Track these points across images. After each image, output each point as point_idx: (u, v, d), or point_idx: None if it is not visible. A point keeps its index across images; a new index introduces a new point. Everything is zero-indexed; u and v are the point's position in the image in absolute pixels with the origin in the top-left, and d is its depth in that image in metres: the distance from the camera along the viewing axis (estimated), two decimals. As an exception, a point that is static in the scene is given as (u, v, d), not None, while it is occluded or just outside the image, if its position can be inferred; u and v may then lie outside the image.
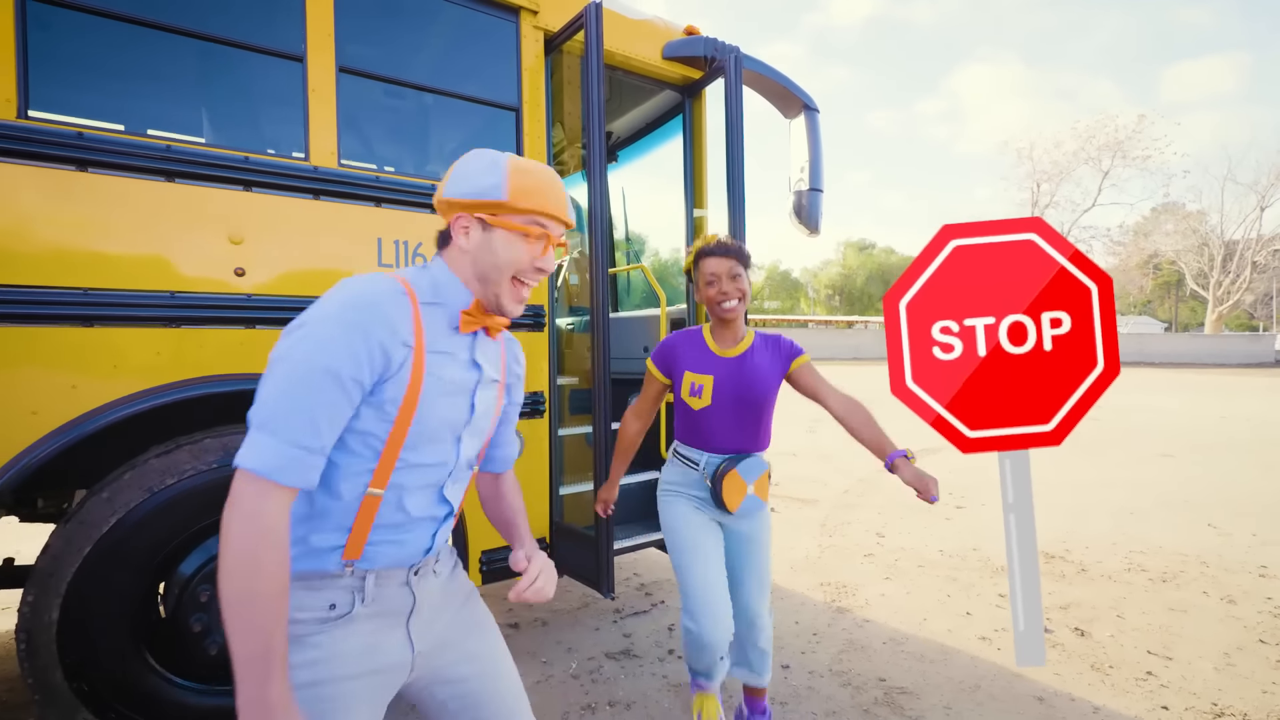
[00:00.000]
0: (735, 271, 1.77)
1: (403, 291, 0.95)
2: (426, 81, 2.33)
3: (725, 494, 1.77)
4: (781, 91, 3.07)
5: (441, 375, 0.98)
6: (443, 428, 1.00)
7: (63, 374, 1.66)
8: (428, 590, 1.05)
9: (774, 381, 1.83)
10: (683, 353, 1.87)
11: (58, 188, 1.64)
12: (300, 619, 0.91)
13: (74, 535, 1.70)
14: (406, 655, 1.01)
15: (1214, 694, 2.42)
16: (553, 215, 1.03)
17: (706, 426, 1.84)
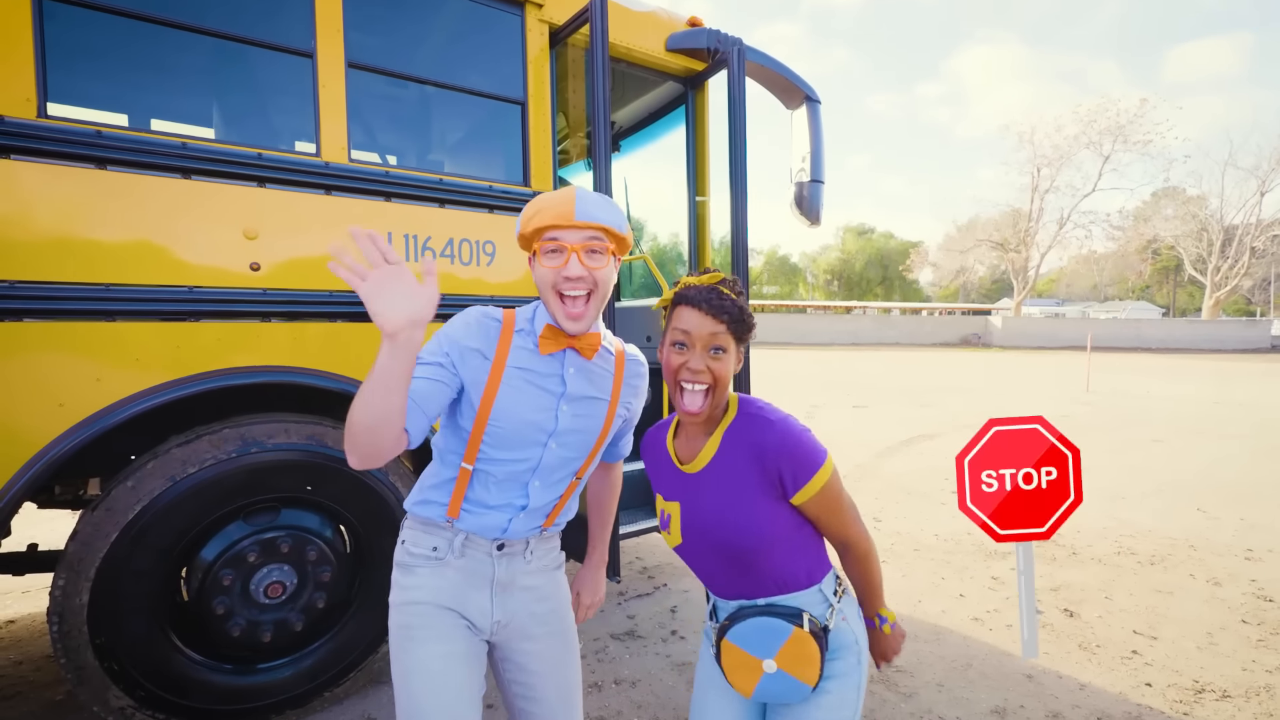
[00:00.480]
0: (720, 341, 1.11)
1: (497, 318, 1.16)
2: (433, 76, 2.35)
3: (727, 673, 1.16)
4: (783, 83, 3.09)
5: (521, 388, 1.14)
6: (525, 431, 1.15)
7: (87, 367, 1.71)
8: (512, 570, 1.21)
9: (758, 513, 1.12)
10: (652, 462, 1.30)
11: (78, 186, 1.68)
12: (414, 552, 1.18)
13: (101, 522, 1.77)
14: (488, 618, 1.19)
15: (1196, 671, 2.52)
16: (552, 225, 1.09)
17: (695, 568, 1.23)
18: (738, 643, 1.13)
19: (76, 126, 1.68)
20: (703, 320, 1.10)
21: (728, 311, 1.10)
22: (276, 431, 2.01)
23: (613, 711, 2.22)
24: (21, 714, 2.20)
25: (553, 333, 1.15)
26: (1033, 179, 44.06)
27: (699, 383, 1.10)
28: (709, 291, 1.12)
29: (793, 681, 1.09)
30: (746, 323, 1.14)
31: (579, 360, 1.19)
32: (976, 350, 32.28)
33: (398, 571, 1.20)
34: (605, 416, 1.23)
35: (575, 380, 1.19)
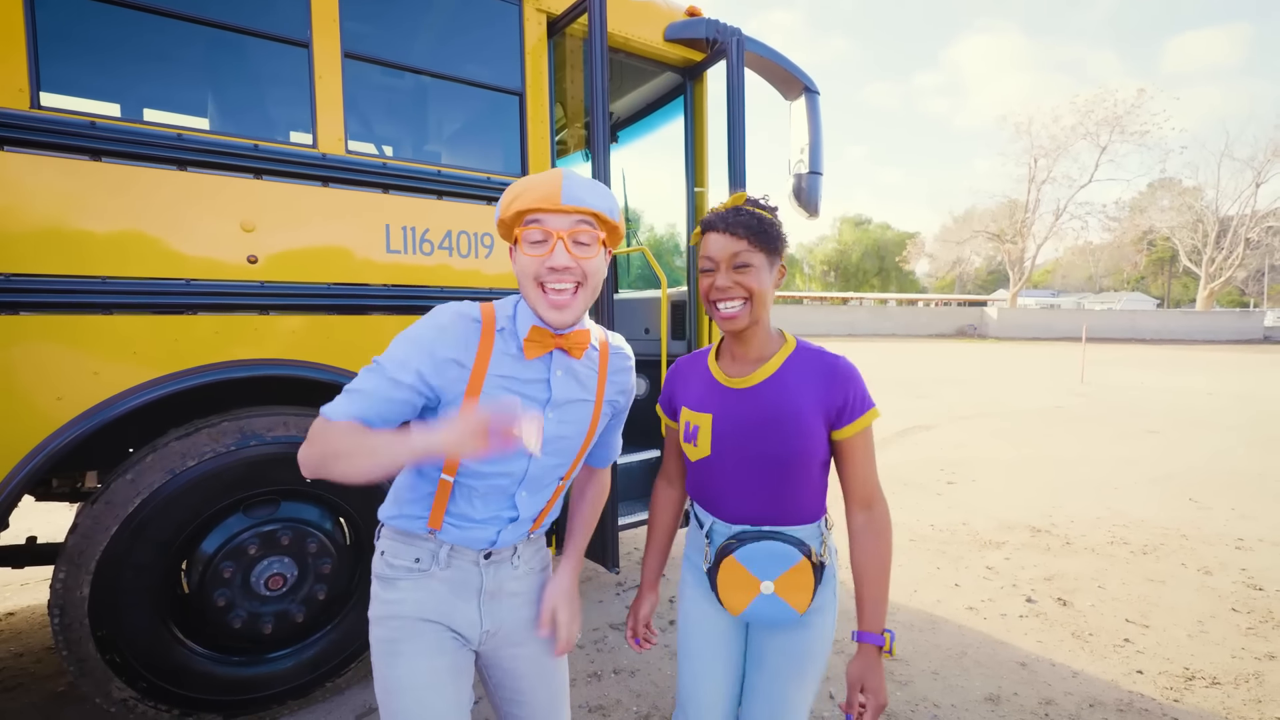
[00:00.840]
0: (743, 258, 1.12)
1: (475, 319, 1.03)
2: (430, 66, 2.33)
3: (721, 589, 1.18)
4: (782, 74, 3.08)
5: (503, 395, 1.03)
6: None
7: (84, 360, 1.71)
8: (500, 578, 1.15)
9: (810, 428, 1.15)
10: (685, 383, 1.31)
11: (72, 178, 1.67)
12: (395, 564, 1.10)
13: (101, 515, 1.77)
14: (476, 629, 1.13)
15: (1186, 659, 2.55)
16: (535, 208, 0.98)
17: (710, 484, 1.24)
18: (743, 561, 1.16)
19: (70, 117, 1.67)
20: (722, 240, 1.14)
21: (745, 225, 1.12)
22: (276, 424, 2.01)
23: (612, 700, 2.25)
24: (23, 706, 2.20)
25: (539, 335, 1.04)
26: (1030, 170, 44.07)
27: (729, 299, 1.14)
28: (727, 212, 1.16)
29: (784, 606, 1.15)
30: (770, 233, 1.14)
31: (566, 361, 1.10)
32: (972, 341, 32.38)
33: (377, 584, 1.12)
34: (591, 417, 1.15)
35: (562, 385, 1.10)
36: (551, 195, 0.98)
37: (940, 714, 2.18)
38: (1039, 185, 43.92)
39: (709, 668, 1.27)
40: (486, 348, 1.03)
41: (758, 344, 1.21)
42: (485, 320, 1.04)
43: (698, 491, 1.29)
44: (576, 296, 1.02)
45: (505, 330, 1.05)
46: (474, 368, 1.01)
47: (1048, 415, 8.79)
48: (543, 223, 0.99)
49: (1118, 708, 2.22)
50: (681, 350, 3.29)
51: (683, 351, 3.28)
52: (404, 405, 0.99)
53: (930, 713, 2.19)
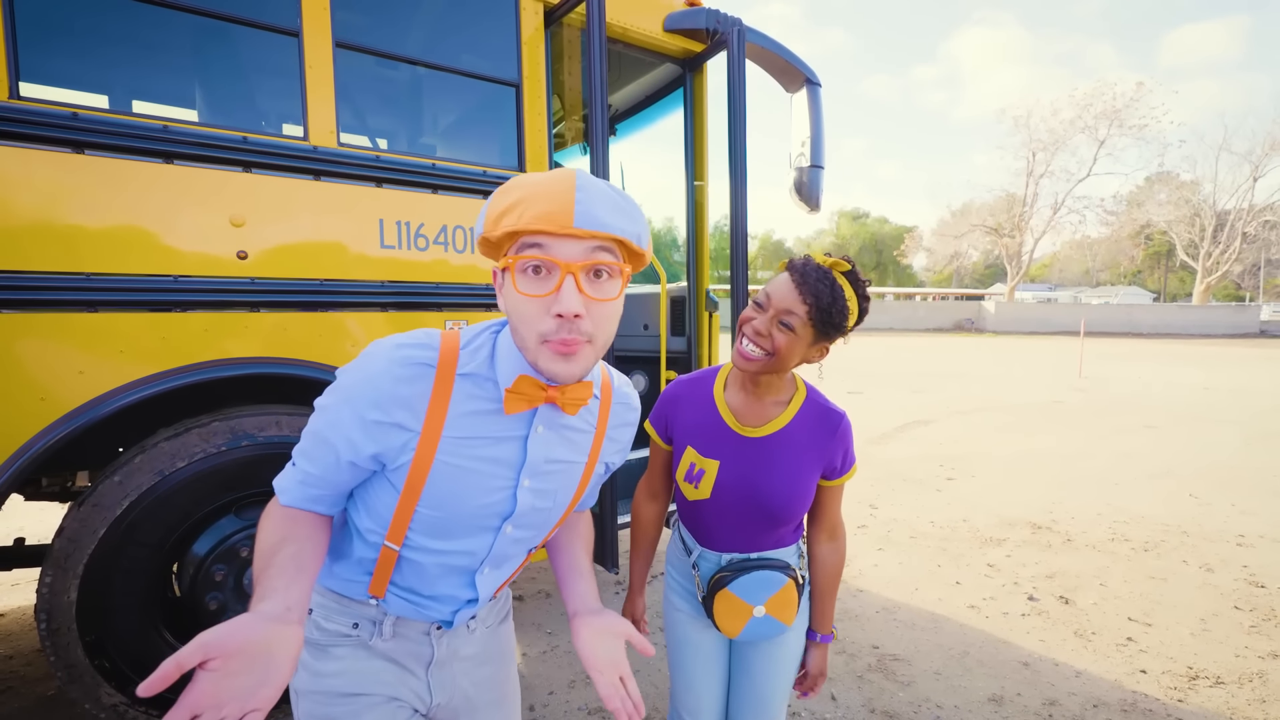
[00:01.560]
0: (792, 320, 1.07)
1: (428, 363, 0.78)
2: (425, 56, 2.27)
3: (718, 617, 1.24)
4: (784, 65, 3.03)
5: (464, 465, 0.81)
6: (471, 519, 0.86)
7: (70, 359, 1.66)
8: (455, 644, 0.98)
9: (810, 486, 1.22)
10: (686, 413, 1.26)
11: (54, 171, 1.61)
12: (327, 629, 0.92)
13: (88, 518, 1.72)
14: (425, 702, 0.97)
15: (1190, 658, 2.54)
16: (539, 229, 0.71)
17: (703, 520, 1.28)
18: (737, 592, 1.22)
19: (52, 108, 1.61)
20: (788, 291, 1.08)
21: (815, 295, 1.06)
22: (268, 424, 1.96)
23: (612, 702, 2.22)
24: (12, 710, 2.17)
25: (528, 386, 0.79)
26: (1028, 163, 43.97)
27: (758, 345, 1.11)
28: (815, 268, 1.09)
29: (775, 623, 1.24)
30: (833, 319, 1.07)
31: (553, 416, 0.86)
32: (970, 335, 32.41)
33: (305, 650, 0.90)
34: (579, 481, 0.93)
35: (542, 444, 0.86)
36: (560, 214, 0.70)
37: (943, 715, 2.16)
38: (1037, 179, 43.85)
39: (701, 680, 1.36)
40: (442, 399, 0.78)
41: (774, 389, 1.22)
42: (443, 361, 0.79)
43: (688, 520, 1.33)
44: (588, 347, 0.76)
45: (475, 376, 0.81)
46: (424, 430, 0.78)
47: (1046, 410, 8.78)
48: (546, 250, 0.72)
49: (1122, 708, 2.21)
50: (681, 348, 3.25)
51: (682, 349, 3.24)
52: (343, 474, 0.82)
53: (933, 714, 2.17)
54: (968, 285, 63.15)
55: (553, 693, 2.27)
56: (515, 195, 0.73)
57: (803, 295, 1.06)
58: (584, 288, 0.73)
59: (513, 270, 0.74)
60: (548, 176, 0.74)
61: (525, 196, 0.72)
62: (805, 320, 1.07)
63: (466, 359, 0.81)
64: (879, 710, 2.18)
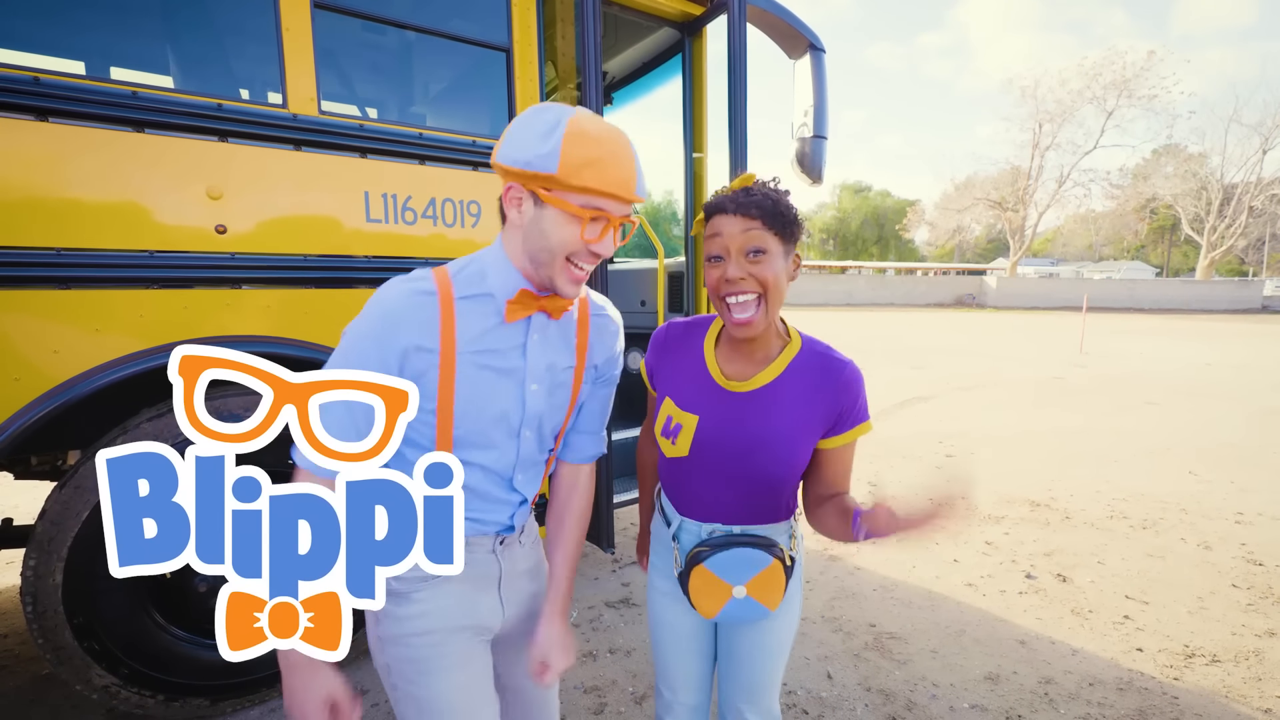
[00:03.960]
0: (756, 242, 0.99)
1: (430, 291, 0.91)
2: (410, 19, 2.16)
3: (693, 596, 1.13)
4: (787, 30, 2.90)
5: (480, 374, 0.95)
6: (491, 427, 0.98)
7: (43, 338, 1.60)
8: (514, 560, 1.09)
9: (801, 448, 1.09)
10: (672, 359, 1.19)
11: (16, 140, 1.53)
12: (404, 577, 0.96)
13: (71, 500, 1.69)
14: (499, 616, 1.08)
15: (1186, 636, 2.54)
16: (613, 194, 0.87)
17: (682, 483, 1.18)
18: (714, 569, 1.11)
19: (12, 73, 1.52)
20: (732, 222, 1.00)
21: (757, 205, 0.99)
22: (253, 404, 1.91)
23: (607, 681, 2.22)
24: (7, 689, 2.17)
25: (526, 298, 0.95)
26: (1034, 135, 43.27)
27: (742, 292, 1.00)
28: (738, 192, 1.02)
29: (757, 606, 1.12)
30: (786, 215, 1.00)
31: (543, 323, 1.00)
32: (971, 311, 32.28)
33: (389, 601, 0.97)
34: (573, 382, 1.06)
35: (538, 350, 1.00)
36: (629, 183, 0.88)
37: (939, 693, 2.16)
38: (1043, 151, 43.20)
39: (681, 662, 1.29)
40: (449, 322, 0.92)
41: (764, 341, 1.10)
42: (441, 290, 0.92)
43: (668, 485, 1.22)
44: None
45: (473, 297, 0.94)
46: (442, 349, 0.92)
47: (1047, 386, 8.75)
48: (606, 209, 0.89)
49: (1117, 686, 2.21)
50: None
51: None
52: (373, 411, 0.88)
53: (929, 692, 2.17)
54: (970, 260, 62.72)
55: (548, 671, 2.27)
56: (595, 150, 0.85)
57: (749, 214, 0.99)
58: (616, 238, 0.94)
59: (572, 211, 0.87)
60: (615, 136, 0.88)
61: (604, 156, 0.86)
62: (767, 231, 1.00)
63: (462, 285, 0.94)
64: (875, 688, 2.18)
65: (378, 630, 1.01)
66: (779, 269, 1.01)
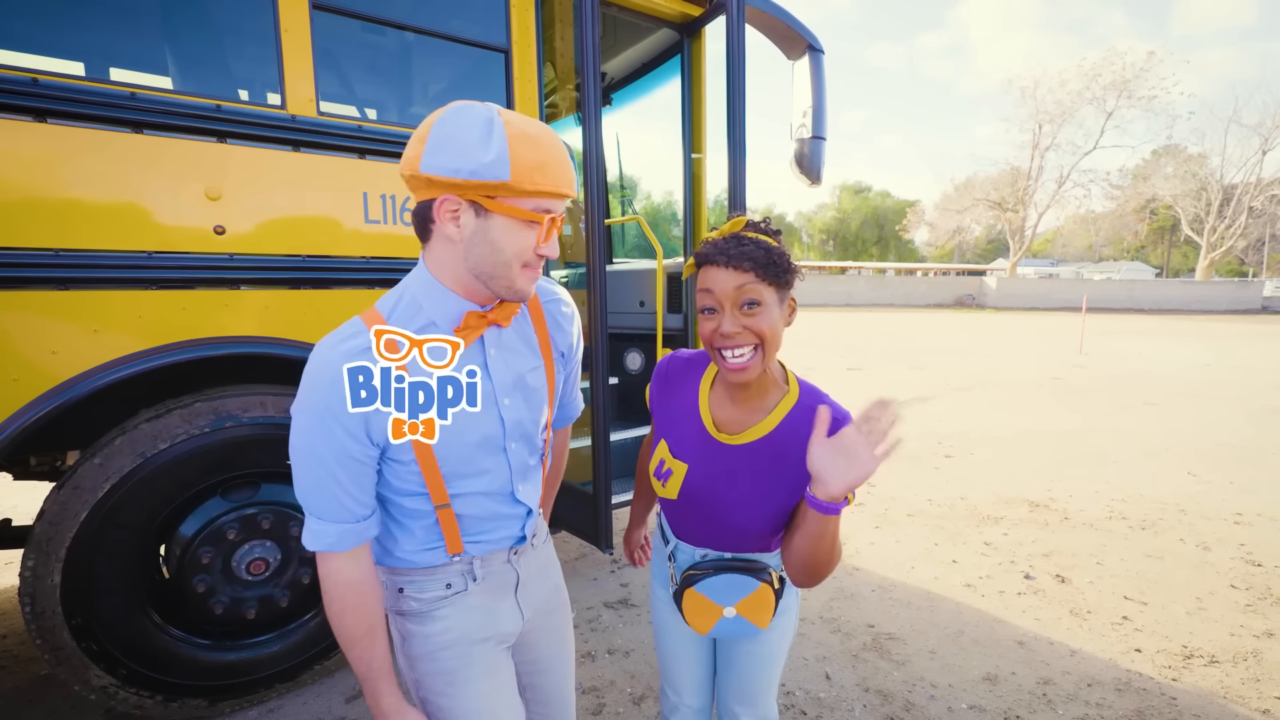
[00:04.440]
0: (750, 294, 0.97)
1: (365, 346, 0.85)
2: (409, 20, 2.16)
3: (687, 614, 1.17)
4: (786, 31, 2.90)
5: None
6: (477, 452, 0.96)
7: (41, 339, 1.60)
8: (529, 564, 1.11)
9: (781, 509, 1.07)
10: (670, 397, 1.19)
11: (15, 141, 1.53)
12: (424, 598, 1.00)
13: (69, 501, 1.69)
14: (518, 621, 1.10)
15: (1185, 637, 2.54)
16: (562, 194, 0.87)
17: (675, 516, 1.21)
18: (704, 593, 1.15)
19: (10, 74, 1.52)
20: (724, 275, 0.97)
21: (750, 257, 0.96)
22: (252, 405, 1.92)
23: (606, 681, 2.22)
24: (6, 690, 2.17)
25: (474, 319, 0.91)
26: (1034, 136, 43.26)
27: (738, 346, 0.98)
28: (725, 241, 0.99)
29: (746, 624, 1.15)
30: (779, 264, 0.98)
31: (497, 337, 0.97)
32: (971, 311, 32.28)
33: (408, 622, 1.01)
34: (545, 379, 1.05)
35: (500, 364, 0.97)
36: (570, 182, 0.88)
37: (937, 694, 2.16)
38: (1042, 152, 43.19)
39: (683, 664, 1.34)
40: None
41: (759, 390, 1.07)
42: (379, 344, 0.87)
43: (665, 510, 1.25)
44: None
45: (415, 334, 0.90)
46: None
47: (1046, 387, 8.75)
48: (551, 210, 0.88)
49: (1116, 687, 2.21)
50: (678, 325, 3.19)
51: (679, 326, 3.18)
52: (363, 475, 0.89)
53: (928, 692, 2.17)
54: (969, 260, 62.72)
55: (547, 672, 2.27)
56: (543, 152, 0.84)
57: (742, 267, 0.96)
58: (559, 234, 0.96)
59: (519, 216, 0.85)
60: (550, 134, 0.86)
61: (550, 158, 0.84)
62: (761, 283, 0.97)
63: (399, 325, 0.89)
64: (873, 689, 2.18)
65: (405, 650, 1.03)
66: (775, 319, 0.99)
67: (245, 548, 1.94)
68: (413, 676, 1.04)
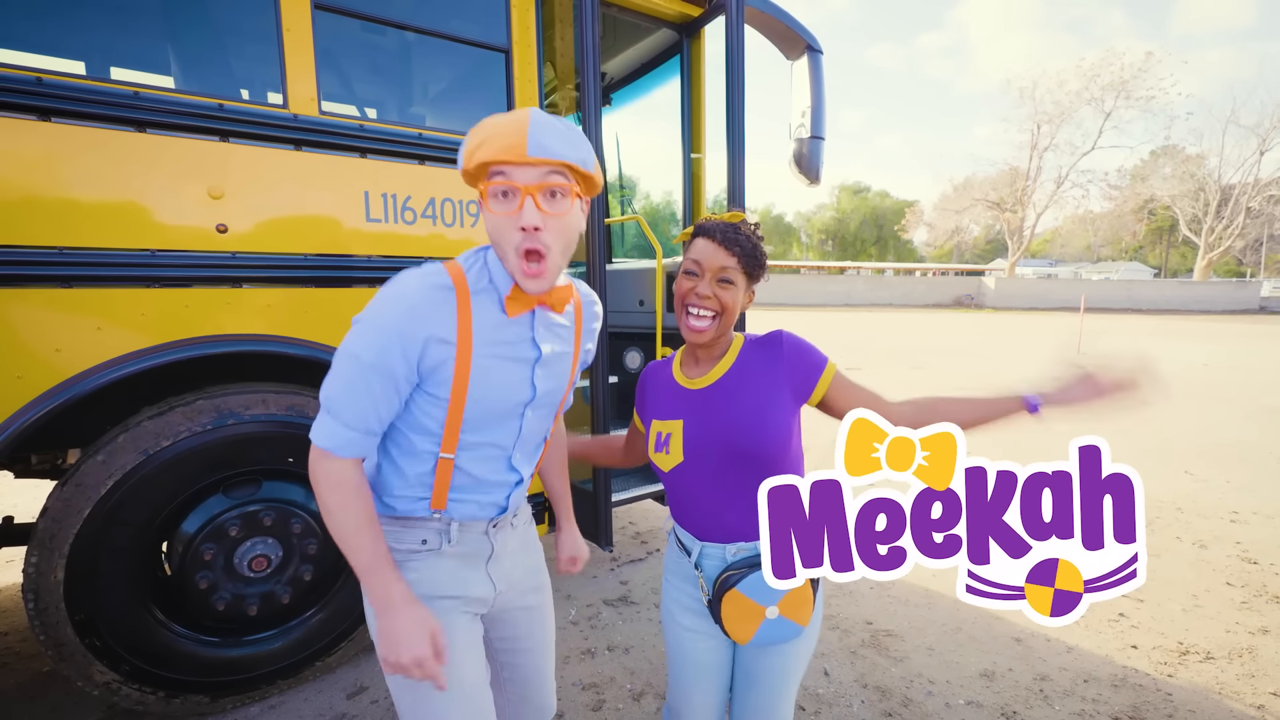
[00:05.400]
0: (729, 274, 1.13)
1: (447, 286, 0.95)
2: (410, 20, 2.18)
3: (727, 622, 1.15)
4: (784, 31, 2.92)
5: (492, 364, 0.99)
6: (501, 410, 1.03)
7: (45, 337, 1.61)
8: (505, 540, 1.15)
9: (778, 407, 1.15)
10: (652, 391, 1.31)
11: (19, 140, 1.54)
12: (400, 548, 1.05)
13: (72, 498, 1.70)
14: (488, 590, 1.13)
15: (1181, 633, 2.55)
16: (501, 160, 0.88)
17: (689, 495, 1.22)
18: (746, 593, 1.13)
19: (15, 73, 1.53)
20: (715, 251, 1.15)
21: (740, 245, 1.15)
22: (254, 402, 1.93)
23: (605, 678, 2.23)
24: (8, 686, 2.17)
25: (521, 292, 0.99)
26: (1032, 136, 43.33)
27: (705, 308, 1.15)
28: (726, 226, 1.17)
29: (789, 624, 1.15)
30: (758, 260, 1.18)
31: (546, 316, 1.07)
32: (969, 311, 32.32)
33: None
34: (571, 369, 1.16)
35: (545, 341, 1.07)
36: (516, 146, 0.88)
37: (935, 690, 2.18)
38: (1041, 152, 43.27)
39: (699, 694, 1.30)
40: (466, 316, 0.96)
41: (716, 346, 1.24)
42: (458, 285, 0.96)
43: (679, 511, 1.27)
44: (548, 260, 0.95)
45: (483, 291, 0.99)
46: (459, 342, 0.95)
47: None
48: (508, 176, 0.90)
49: (1112, 683, 2.22)
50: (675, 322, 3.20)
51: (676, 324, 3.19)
52: (393, 398, 0.95)
53: (925, 689, 2.18)
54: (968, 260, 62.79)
55: (547, 668, 2.29)
56: (484, 134, 0.90)
57: (729, 249, 1.14)
58: (541, 205, 0.91)
59: (485, 195, 0.92)
60: (509, 115, 0.92)
61: (490, 134, 0.90)
62: (739, 269, 1.15)
63: (473, 280, 0.98)
64: (871, 685, 2.20)
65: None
66: (739, 298, 1.18)
67: (247, 544, 1.95)
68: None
